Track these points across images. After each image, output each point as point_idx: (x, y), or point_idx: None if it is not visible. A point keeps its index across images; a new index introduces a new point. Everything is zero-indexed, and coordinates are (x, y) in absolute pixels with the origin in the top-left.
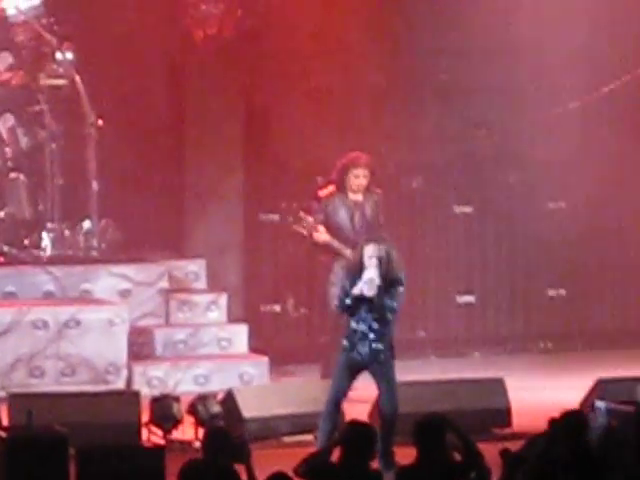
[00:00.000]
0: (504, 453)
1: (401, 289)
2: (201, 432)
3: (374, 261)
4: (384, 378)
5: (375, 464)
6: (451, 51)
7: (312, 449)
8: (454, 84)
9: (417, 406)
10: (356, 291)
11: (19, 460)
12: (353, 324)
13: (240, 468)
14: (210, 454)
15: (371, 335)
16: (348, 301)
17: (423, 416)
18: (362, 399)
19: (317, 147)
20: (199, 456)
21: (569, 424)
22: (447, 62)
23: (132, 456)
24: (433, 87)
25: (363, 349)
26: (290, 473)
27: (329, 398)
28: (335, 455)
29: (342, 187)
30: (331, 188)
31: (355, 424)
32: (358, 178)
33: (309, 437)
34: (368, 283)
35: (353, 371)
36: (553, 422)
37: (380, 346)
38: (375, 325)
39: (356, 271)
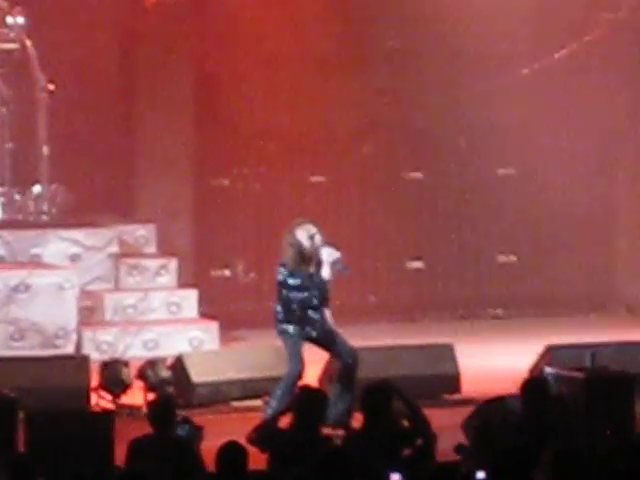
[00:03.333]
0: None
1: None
2: (150, 397)
3: (318, 238)
4: (333, 338)
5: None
6: (401, 18)
7: (262, 414)
8: (404, 50)
9: (366, 372)
10: (327, 275)
11: None
12: (301, 310)
13: None
14: (159, 427)
15: (316, 315)
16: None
17: (370, 382)
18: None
19: (268, 112)
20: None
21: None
22: (397, 29)
23: (81, 420)
24: (382, 53)
25: (313, 327)
26: (241, 439)
27: (294, 375)
28: (286, 421)
29: None
30: None
31: (306, 389)
32: None
33: (258, 402)
34: (336, 262)
35: (302, 342)
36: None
37: (321, 318)
38: (317, 303)
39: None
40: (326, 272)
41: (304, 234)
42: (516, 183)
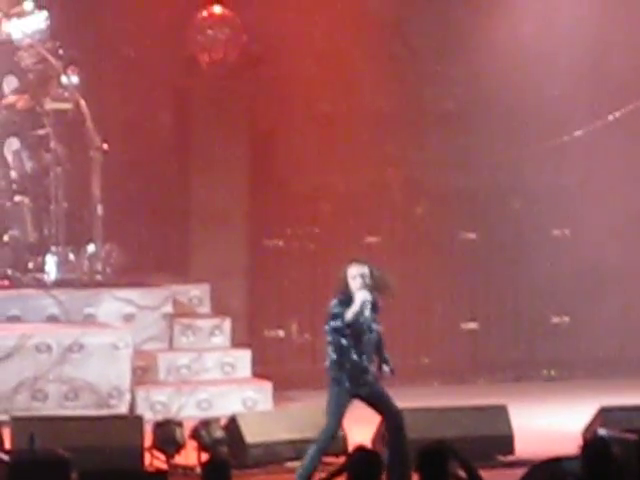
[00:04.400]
0: None
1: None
2: (204, 457)
3: (359, 280)
4: (383, 396)
5: None
6: (455, 78)
7: (315, 475)
8: (458, 111)
9: (420, 433)
10: (349, 316)
11: None
12: (354, 357)
13: None
14: None
15: (370, 366)
16: (343, 329)
17: (426, 444)
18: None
19: (321, 172)
20: None
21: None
22: (451, 89)
23: None
24: (436, 114)
25: (364, 380)
26: None
27: (330, 430)
28: None
29: None
30: None
31: (361, 451)
32: None
33: None
34: (362, 305)
35: (349, 402)
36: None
37: (373, 373)
38: (371, 354)
39: (344, 295)
40: (350, 313)
41: (353, 271)
42: (570, 244)
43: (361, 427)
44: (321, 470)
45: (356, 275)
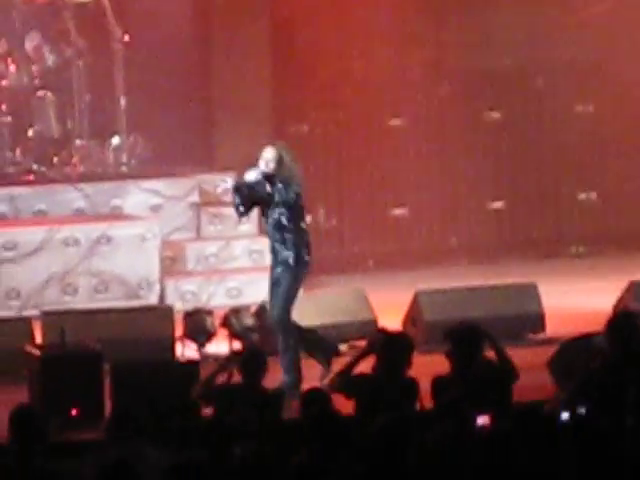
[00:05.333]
0: None
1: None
2: (235, 345)
3: (261, 163)
4: (271, 291)
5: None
6: None
7: (344, 359)
8: None
9: (450, 313)
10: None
11: (54, 377)
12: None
13: None
14: (249, 378)
15: (277, 245)
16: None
17: (456, 325)
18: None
19: (343, 56)
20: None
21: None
22: None
23: (166, 371)
24: None
25: (274, 262)
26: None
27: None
28: (368, 365)
29: None
30: None
31: (388, 333)
32: None
33: (342, 347)
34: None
35: None
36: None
37: (287, 253)
38: (277, 233)
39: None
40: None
41: (264, 154)
42: (594, 120)
43: (392, 312)
44: (348, 354)
45: (263, 158)
